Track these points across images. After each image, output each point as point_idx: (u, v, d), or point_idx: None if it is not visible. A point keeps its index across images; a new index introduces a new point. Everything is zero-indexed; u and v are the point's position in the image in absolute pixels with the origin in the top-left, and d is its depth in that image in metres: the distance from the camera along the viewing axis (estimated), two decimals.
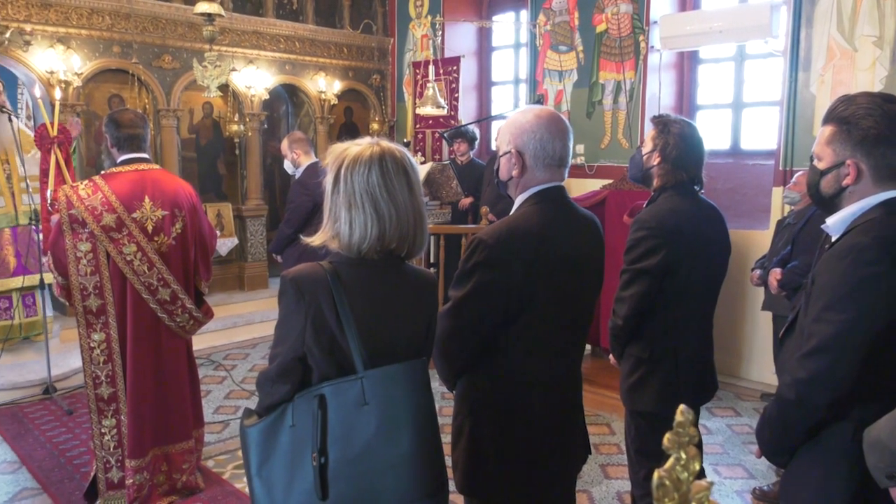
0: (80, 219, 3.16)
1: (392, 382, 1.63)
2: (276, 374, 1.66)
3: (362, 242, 1.65)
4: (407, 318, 1.73)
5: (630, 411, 2.76)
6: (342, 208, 1.66)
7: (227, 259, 7.17)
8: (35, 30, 5.71)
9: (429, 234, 1.80)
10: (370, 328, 1.64)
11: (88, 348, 3.29)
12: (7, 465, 4.04)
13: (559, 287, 1.90)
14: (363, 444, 1.60)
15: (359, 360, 1.61)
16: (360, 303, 1.64)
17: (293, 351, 1.63)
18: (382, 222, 1.65)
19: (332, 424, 1.61)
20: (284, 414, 1.66)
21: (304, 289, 1.62)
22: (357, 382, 1.60)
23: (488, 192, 6.04)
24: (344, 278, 1.64)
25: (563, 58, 6.63)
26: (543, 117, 1.93)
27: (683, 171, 2.59)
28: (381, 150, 1.68)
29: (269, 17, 7.27)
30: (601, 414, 4.65)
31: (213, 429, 4.45)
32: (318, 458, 1.60)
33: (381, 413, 1.61)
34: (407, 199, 1.68)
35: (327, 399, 1.61)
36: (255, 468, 1.68)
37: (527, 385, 1.93)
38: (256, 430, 1.68)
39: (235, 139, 7.09)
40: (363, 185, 1.64)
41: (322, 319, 1.61)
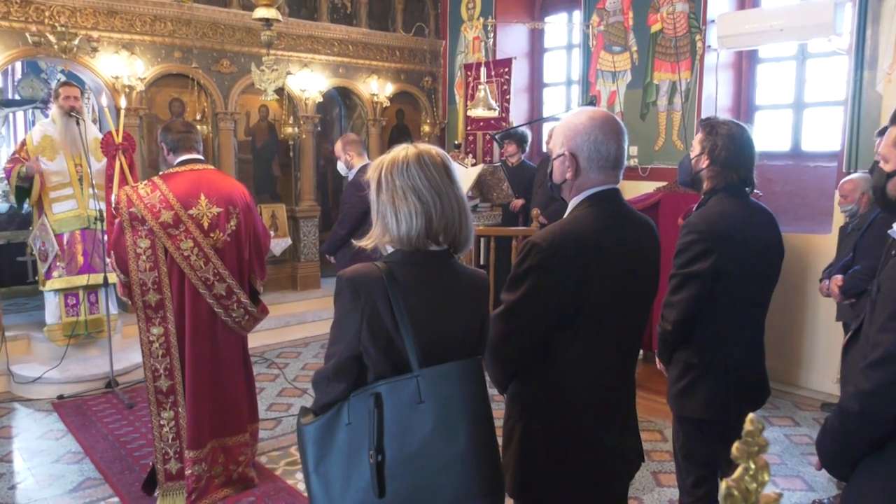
0: (139, 216, 3.28)
1: (447, 381, 1.64)
2: (333, 372, 1.69)
3: (410, 230, 1.68)
4: (460, 317, 1.74)
5: (678, 417, 2.72)
6: (387, 206, 1.70)
7: (281, 259, 7.30)
8: (101, 37, 5.93)
9: (474, 228, 1.81)
10: (425, 327, 1.65)
11: (148, 342, 3.40)
12: (72, 455, 4.20)
13: (613, 291, 1.87)
14: (419, 443, 1.61)
15: (414, 359, 1.62)
16: (414, 302, 1.65)
17: (349, 350, 1.66)
18: (427, 209, 1.68)
19: (389, 422, 1.62)
20: (340, 412, 1.68)
21: (360, 288, 1.64)
22: (412, 381, 1.62)
23: (539, 194, 6.01)
24: (398, 277, 1.66)
25: (617, 58, 6.55)
26: (597, 119, 1.90)
27: (733, 172, 2.55)
28: (417, 149, 1.73)
29: (324, 22, 7.39)
30: (653, 420, 4.57)
31: (266, 426, 4.54)
32: (375, 456, 1.61)
33: (436, 411, 1.62)
34: (450, 190, 1.72)
35: (383, 397, 1.63)
36: (313, 465, 1.71)
37: (579, 389, 1.91)
38: (313, 428, 1.71)
39: (290, 141, 7.22)
40: (403, 178, 1.69)
41: (378, 318, 1.63)
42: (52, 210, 5.37)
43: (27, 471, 4.00)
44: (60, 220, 5.38)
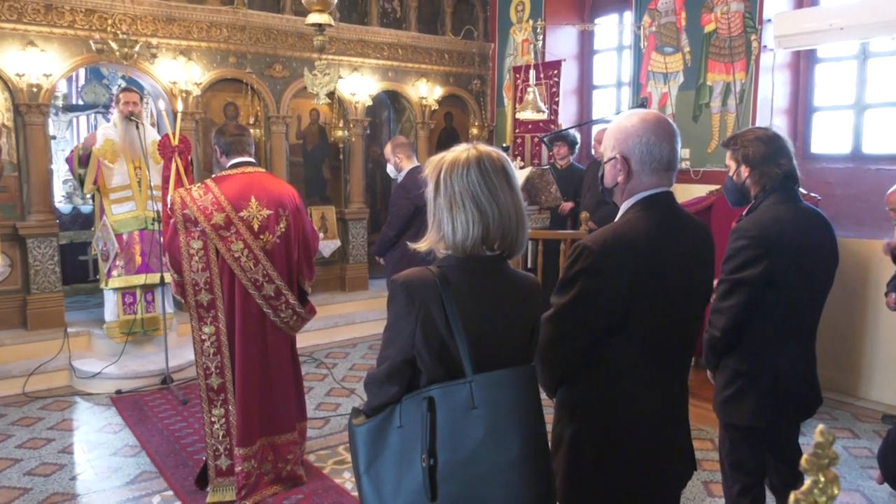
0: (192, 218, 3.37)
1: (500, 387, 1.63)
2: (385, 375, 1.69)
3: (466, 240, 1.67)
4: (513, 322, 1.73)
5: (724, 424, 2.67)
6: (444, 211, 1.69)
7: (330, 260, 7.40)
8: (160, 43, 6.13)
9: (529, 234, 1.80)
10: (478, 332, 1.65)
11: (199, 340, 3.49)
12: (129, 448, 4.34)
13: (666, 296, 1.83)
14: (472, 448, 1.60)
15: (468, 364, 1.61)
16: (468, 307, 1.65)
17: (402, 354, 1.66)
18: (485, 219, 1.66)
19: (441, 427, 1.62)
20: (392, 415, 1.69)
21: (413, 293, 1.64)
22: (466, 386, 1.61)
23: (588, 197, 5.95)
24: (452, 282, 1.66)
25: (669, 59, 6.45)
26: (649, 120, 1.87)
27: (774, 167, 2.52)
28: (478, 152, 1.70)
29: (374, 26, 7.48)
30: (704, 428, 4.47)
31: (314, 425, 4.61)
32: (428, 460, 1.62)
33: (489, 417, 1.60)
34: (507, 197, 1.69)
35: (436, 401, 1.63)
36: (364, 466, 1.72)
37: (630, 396, 1.88)
38: (365, 430, 1.72)
39: (340, 144, 7.32)
40: (463, 184, 1.67)
41: (431, 323, 1.63)
42: (113, 211, 5.57)
43: (87, 462, 4.14)
44: (120, 220, 5.57)
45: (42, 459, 4.17)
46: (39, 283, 5.77)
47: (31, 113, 5.62)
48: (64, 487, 3.83)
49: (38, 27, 5.58)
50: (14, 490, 3.79)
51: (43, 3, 5.57)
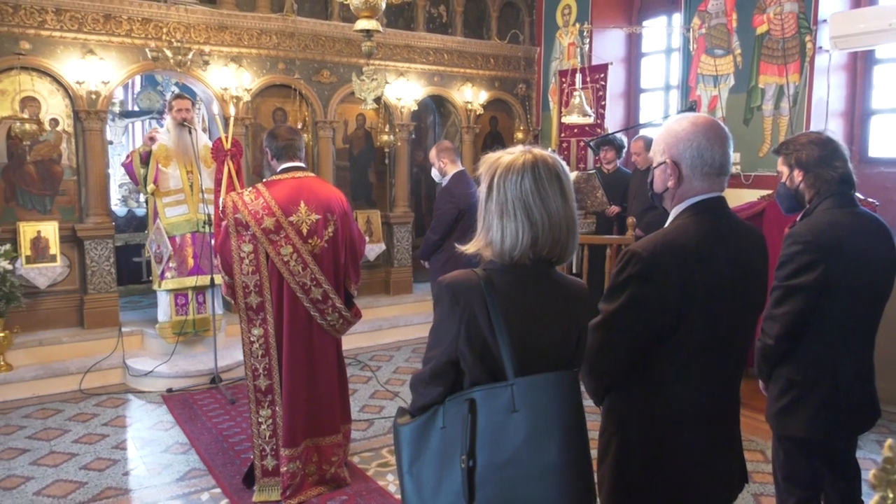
0: (244, 222, 3.43)
1: (542, 391, 1.61)
2: (430, 376, 1.70)
3: (514, 250, 1.66)
4: (557, 326, 1.71)
5: (778, 436, 2.60)
6: (494, 216, 1.67)
7: (375, 264, 7.47)
8: (212, 50, 6.28)
9: (579, 240, 1.77)
10: (521, 335, 1.64)
11: (248, 342, 3.55)
12: (179, 446, 4.44)
13: (718, 303, 1.79)
14: (511, 451, 1.59)
15: (510, 367, 1.61)
16: (512, 310, 1.64)
17: (446, 355, 1.66)
18: (535, 230, 1.65)
19: (482, 429, 1.61)
20: (436, 416, 1.69)
21: (458, 295, 1.64)
22: (507, 389, 1.60)
23: (635, 202, 5.88)
24: (497, 285, 1.65)
25: (719, 62, 6.32)
26: (700, 124, 1.83)
27: (829, 170, 2.46)
28: (534, 157, 1.68)
29: (420, 31, 7.52)
30: (755, 440, 4.37)
31: (358, 426, 4.65)
32: (467, 461, 1.62)
33: (530, 421, 1.59)
34: (560, 206, 1.67)
35: (478, 403, 1.62)
36: (407, 465, 1.73)
37: (679, 405, 1.83)
38: (409, 429, 1.73)
39: (385, 149, 7.38)
40: (516, 192, 1.65)
41: (475, 325, 1.62)
42: (166, 214, 5.73)
43: (139, 458, 4.26)
44: (173, 223, 5.72)
45: (97, 454, 4.30)
46: (96, 283, 5.96)
47: (90, 119, 5.82)
48: (117, 482, 3.94)
49: (98, 36, 5.78)
50: (71, 483, 3.92)
51: (102, 13, 5.77)
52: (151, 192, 5.74)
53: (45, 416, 4.92)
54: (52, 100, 5.75)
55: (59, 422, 4.83)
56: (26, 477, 3.99)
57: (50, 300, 5.84)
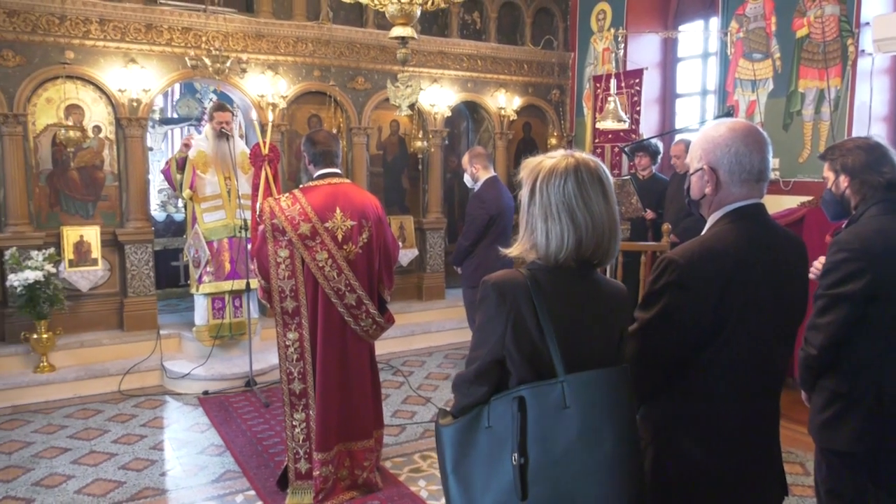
0: (280, 228, 3.47)
1: (593, 388, 1.62)
2: (475, 375, 1.71)
3: (559, 252, 1.68)
4: (601, 327, 1.72)
5: (821, 449, 2.53)
6: (538, 220, 1.69)
7: (408, 269, 7.49)
8: (250, 58, 6.38)
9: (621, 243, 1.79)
10: (568, 333, 1.65)
11: (284, 346, 3.59)
12: (214, 447, 4.51)
13: (757, 312, 1.76)
14: (564, 447, 1.59)
15: (559, 364, 1.62)
16: (558, 308, 1.66)
17: (492, 354, 1.67)
18: (579, 232, 1.67)
19: (532, 426, 1.62)
20: (480, 415, 1.69)
21: (505, 294, 1.66)
22: (558, 386, 1.61)
23: (671, 209, 5.80)
24: (542, 284, 1.67)
25: (758, 66, 6.23)
26: (738, 129, 1.81)
27: (877, 176, 2.41)
28: (576, 160, 1.70)
29: (454, 38, 7.55)
30: (794, 451, 4.27)
31: (390, 432, 4.66)
32: (518, 459, 1.62)
33: (582, 417, 1.60)
34: (602, 208, 1.69)
35: (527, 401, 1.62)
36: (451, 466, 1.73)
37: (716, 415, 1.81)
38: (452, 430, 1.73)
39: (419, 155, 7.41)
40: (559, 195, 1.67)
41: (523, 324, 1.64)
42: (204, 219, 5.83)
43: (175, 460, 4.33)
44: (211, 228, 5.83)
45: (135, 455, 4.38)
46: (136, 286, 6.09)
47: (132, 126, 5.96)
48: (154, 482, 4.01)
49: (139, 45, 5.92)
50: (110, 483, 4.00)
51: (144, 23, 5.91)
52: (188, 196, 5.84)
53: (86, 417, 5.03)
54: (95, 107, 5.90)
55: (99, 422, 4.93)
56: (67, 475, 4.08)
57: (91, 303, 5.98)
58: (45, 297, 5.31)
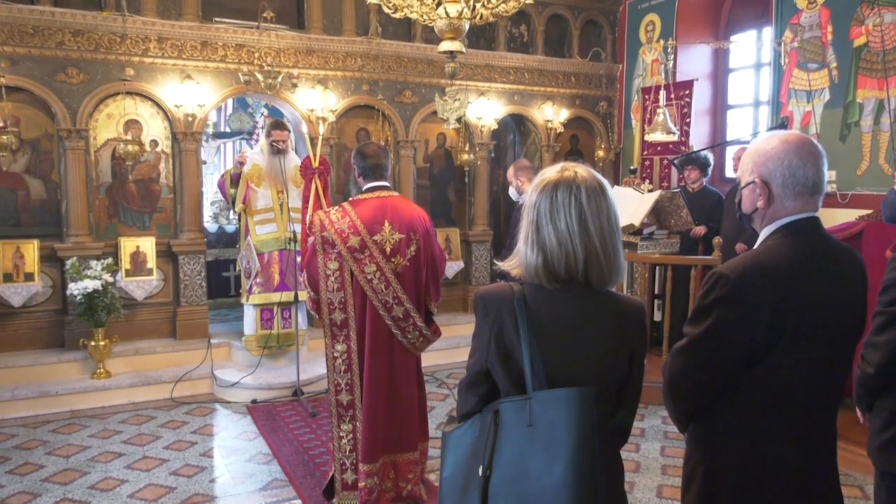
0: (330, 240, 3.52)
1: (556, 406, 1.57)
2: (467, 385, 1.78)
3: (529, 269, 1.69)
4: (598, 345, 1.67)
5: (881, 472, 2.43)
6: (522, 235, 1.72)
7: (453, 282, 7.50)
8: (300, 73, 6.51)
9: (619, 267, 1.68)
10: (552, 351, 1.63)
11: (332, 357, 3.62)
12: (262, 456, 4.57)
13: (812, 329, 1.72)
14: (523, 466, 1.58)
15: (530, 381, 1.60)
16: (542, 325, 1.64)
17: (479, 365, 1.72)
18: (544, 252, 1.65)
19: (502, 441, 1.62)
20: (473, 425, 1.72)
21: (489, 306, 1.70)
22: (526, 402, 1.60)
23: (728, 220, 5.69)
24: (529, 300, 1.66)
25: (813, 76, 6.07)
26: (791, 142, 1.78)
27: None
28: (559, 178, 1.68)
29: (501, 51, 7.57)
30: (852, 474, 4.12)
31: (435, 444, 4.64)
32: (485, 472, 1.62)
33: (543, 437, 1.57)
34: (574, 232, 1.63)
35: (501, 415, 1.63)
36: (447, 472, 1.76)
37: (770, 435, 1.77)
38: (451, 437, 1.77)
39: (465, 168, 7.43)
40: (533, 214, 1.69)
41: (503, 337, 1.66)
42: (256, 232, 5.97)
43: (224, 467, 4.40)
44: (262, 240, 5.96)
45: (185, 461, 4.48)
46: (188, 296, 6.24)
47: (187, 140, 6.14)
48: (204, 489, 4.08)
49: (195, 62, 6.10)
50: (161, 488, 4.09)
51: (200, 41, 6.09)
52: (239, 210, 5.98)
53: (140, 423, 5.17)
54: (152, 122, 6.10)
55: (151, 428, 5.06)
56: (121, 480, 4.19)
57: (145, 311, 6.15)
58: (103, 305, 5.48)
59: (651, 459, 4.45)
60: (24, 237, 5.68)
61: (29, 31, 5.55)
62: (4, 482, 4.14)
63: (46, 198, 5.82)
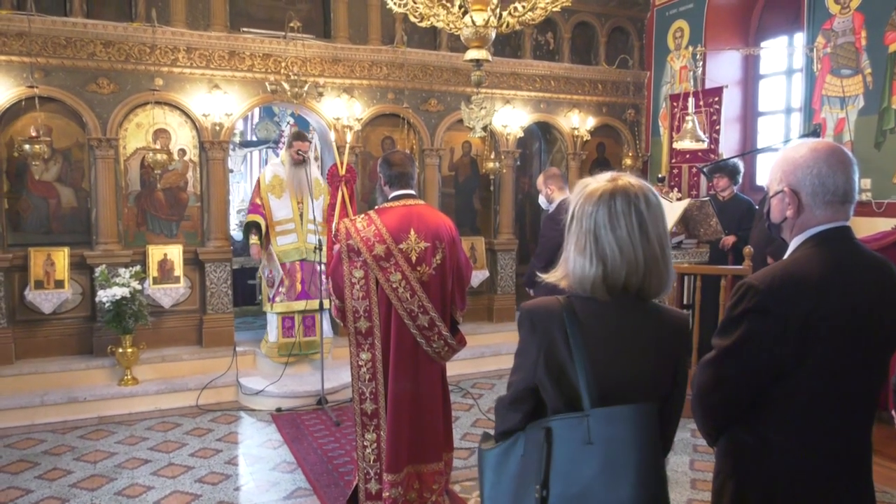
0: (356, 248, 3.50)
1: (618, 424, 1.55)
2: (510, 402, 1.72)
3: (584, 281, 1.64)
4: (647, 359, 1.65)
5: None
6: (572, 246, 1.67)
7: (478, 291, 7.46)
8: (326, 82, 6.54)
9: (672, 275, 1.70)
10: (603, 366, 1.60)
11: (357, 366, 3.60)
12: (286, 464, 4.57)
13: (845, 341, 1.68)
14: (584, 484, 1.54)
15: (586, 398, 1.57)
16: (594, 339, 1.61)
17: (525, 381, 1.67)
18: (604, 263, 1.62)
19: (557, 459, 1.58)
20: (517, 442, 1.68)
21: (537, 321, 1.65)
22: (583, 420, 1.56)
23: (756, 232, 5.58)
24: (579, 313, 1.63)
25: (847, 82, 5.95)
26: (820, 150, 1.75)
27: None
28: (614, 187, 1.65)
29: (527, 59, 7.54)
30: (889, 491, 4.00)
31: (459, 455, 4.61)
32: (541, 491, 1.58)
33: (604, 455, 1.54)
34: (636, 241, 1.62)
35: (554, 433, 1.59)
36: (487, 491, 1.73)
37: (802, 450, 1.72)
38: (492, 455, 1.73)
39: (491, 176, 7.40)
40: (589, 224, 1.64)
41: (554, 353, 1.61)
42: (277, 242, 6.04)
43: (249, 475, 4.41)
44: (283, 251, 6.03)
45: (211, 468, 4.49)
46: (214, 304, 6.28)
47: (214, 149, 6.19)
48: (229, 497, 4.08)
49: (223, 72, 6.16)
50: (187, 495, 4.10)
51: (227, 50, 6.15)
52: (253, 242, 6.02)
53: (166, 430, 5.20)
54: (180, 131, 6.17)
55: (177, 435, 5.08)
56: (147, 486, 4.21)
57: (172, 319, 6.20)
58: (131, 312, 5.54)
59: (680, 473, 4.36)
60: (55, 245, 5.77)
61: (62, 42, 5.65)
62: (34, 487, 4.19)
63: (77, 206, 5.91)
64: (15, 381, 5.48)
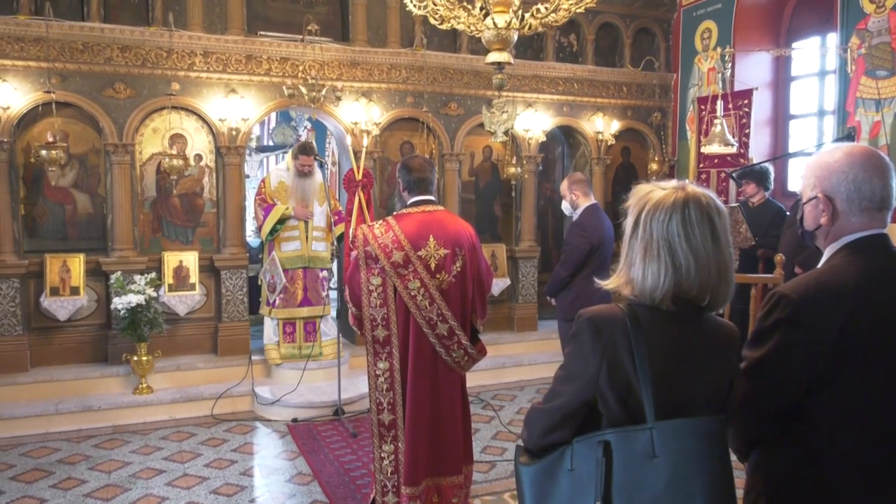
0: (373, 255, 3.39)
1: (685, 437, 1.52)
2: (560, 417, 1.64)
3: (654, 291, 1.59)
4: (706, 372, 1.61)
5: None
6: (637, 254, 1.62)
7: (499, 299, 7.30)
8: (344, 86, 6.44)
9: (734, 287, 1.65)
10: (667, 377, 1.55)
11: (374, 375, 3.48)
12: (302, 476, 4.45)
13: (883, 353, 1.62)
14: (650, 499, 1.51)
15: (650, 409, 1.52)
16: (657, 349, 1.56)
17: (582, 394, 1.60)
18: (679, 273, 1.57)
19: (617, 473, 1.53)
20: (563, 457, 1.63)
21: (601, 329, 1.58)
22: (646, 433, 1.52)
23: (787, 238, 5.37)
24: (642, 322, 1.58)
25: (882, 84, 5.74)
26: (856, 154, 1.70)
27: None
28: (686, 195, 1.61)
29: (549, 61, 7.39)
30: None
31: (480, 468, 4.46)
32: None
33: (671, 468, 1.50)
34: (710, 250, 1.59)
35: (612, 446, 1.54)
36: None
37: (838, 465, 1.65)
38: (533, 470, 1.67)
39: (512, 181, 7.24)
40: (661, 232, 1.59)
41: (618, 363, 1.56)
42: (281, 248, 6.06)
43: (264, 486, 4.29)
44: (287, 257, 6.07)
45: (226, 480, 4.38)
46: (230, 311, 6.19)
47: (230, 154, 6.11)
48: None
49: (240, 76, 6.09)
50: None
51: (244, 54, 6.08)
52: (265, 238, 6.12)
53: (180, 439, 5.10)
54: (197, 136, 6.10)
55: (192, 445, 4.98)
56: (162, 497, 4.11)
57: (188, 327, 6.12)
58: (146, 319, 5.46)
59: None
60: (71, 251, 5.73)
61: (79, 47, 5.61)
62: (48, 496, 4.12)
63: (93, 212, 5.86)
64: (30, 389, 5.44)
